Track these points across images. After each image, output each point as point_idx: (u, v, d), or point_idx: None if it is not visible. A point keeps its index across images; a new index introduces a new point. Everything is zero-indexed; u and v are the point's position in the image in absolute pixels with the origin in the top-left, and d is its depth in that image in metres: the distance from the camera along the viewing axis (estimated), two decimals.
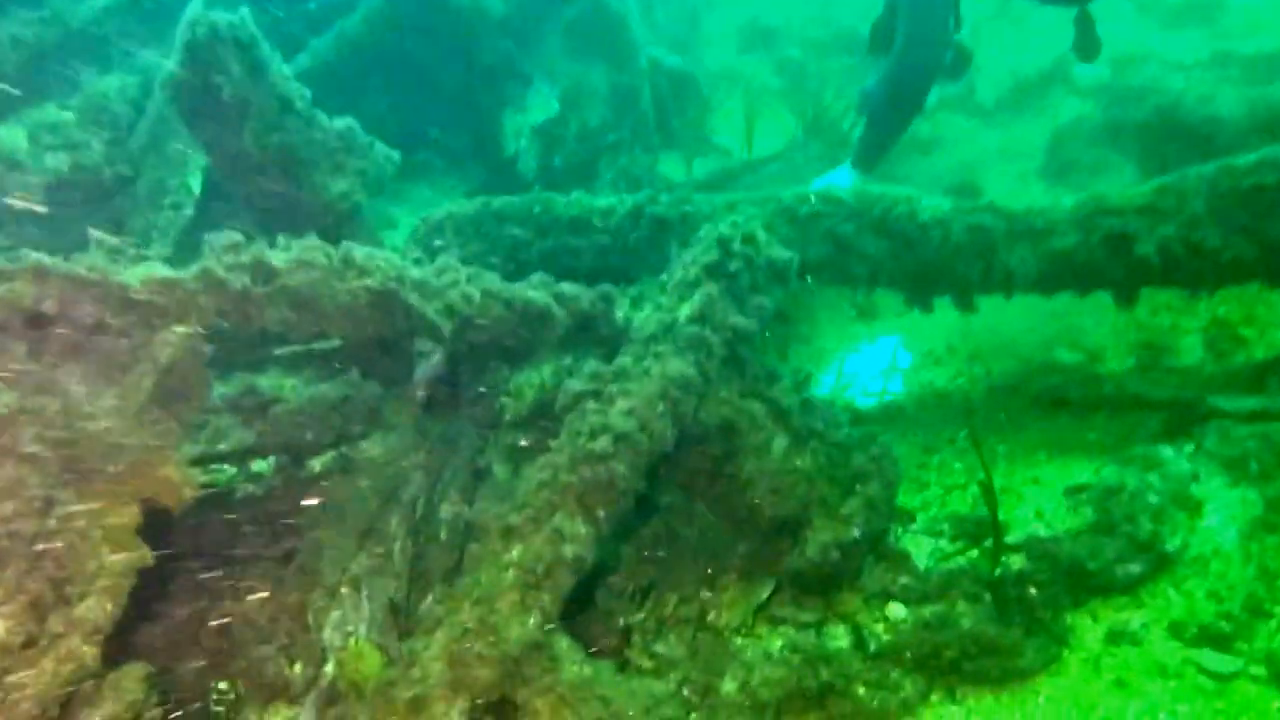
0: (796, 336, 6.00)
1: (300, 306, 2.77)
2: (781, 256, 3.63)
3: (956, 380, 5.26)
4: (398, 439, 4.02)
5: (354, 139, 4.00)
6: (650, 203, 4.46)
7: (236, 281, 2.56)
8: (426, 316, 3.15)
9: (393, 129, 7.30)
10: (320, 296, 2.82)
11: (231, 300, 2.55)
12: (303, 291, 2.77)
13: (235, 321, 2.62)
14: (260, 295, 2.63)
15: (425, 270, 3.40)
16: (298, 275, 2.75)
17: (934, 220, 3.96)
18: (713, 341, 3.45)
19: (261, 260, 2.64)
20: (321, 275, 2.86)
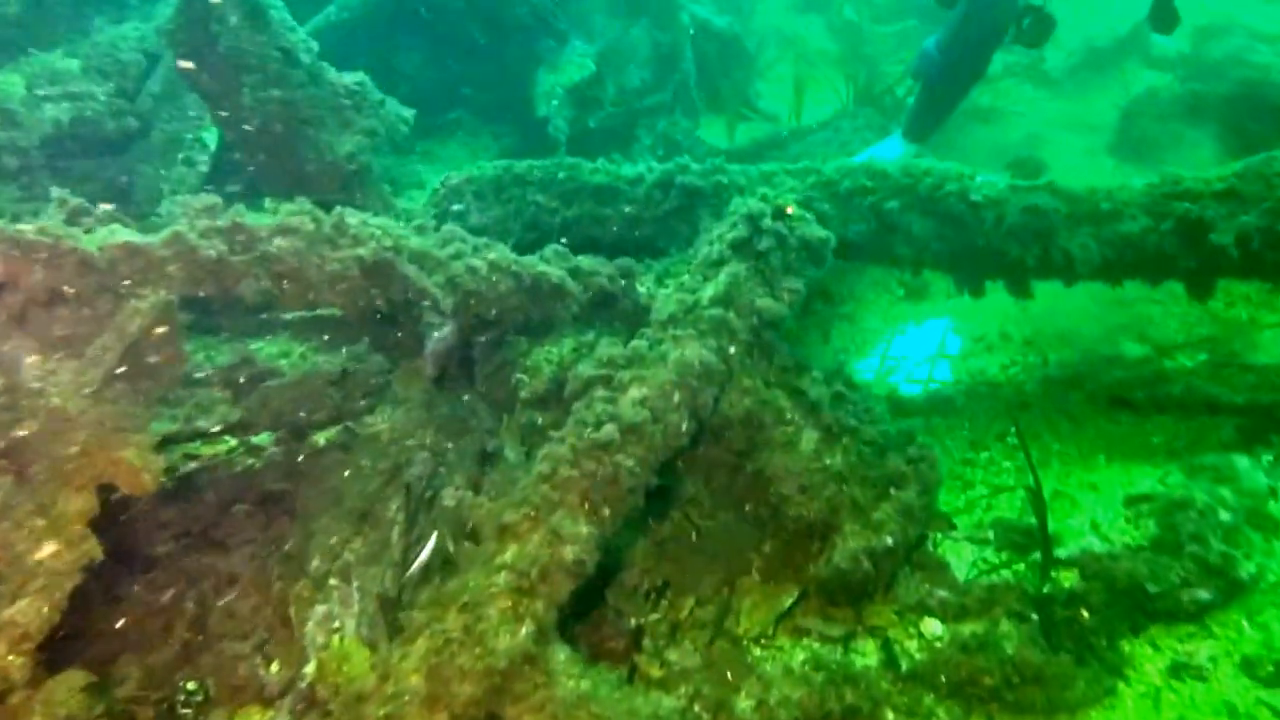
0: (841, 316, 5.71)
1: (283, 276, 2.55)
2: (817, 234, 3.34)
3: (1010, 369, 4.94)
4: (405, 415, 3.83)
5: (364, 96, 3.77)
6: (681, 171, 4.18)
7: (210, 248, 2.35)
8: (425, 290, 2.92)
9: (426, 86, 7.13)
10: (306, 266, 2.61)
11: (204, 268, 2.35)
12: (286, 260, 2.56)
13: (210, 291, 2.41)
14: (238, 263, 2.42)
15: (428, 239, 3.17)
16: (280, 242, 2.54)
17: (987, 200, 3.64)
18: (737, 326, 3.20)
19: (240, 225, 2.43)
20: (308, 243, 2.64)
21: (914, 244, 3.88)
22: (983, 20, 4.54)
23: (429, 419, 3.85)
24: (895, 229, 3.89)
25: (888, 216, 3.86)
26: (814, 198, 3.99)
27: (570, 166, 4.45)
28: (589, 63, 6.14)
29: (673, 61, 6.72)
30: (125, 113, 4.21)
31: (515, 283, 3.31)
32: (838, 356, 5.34)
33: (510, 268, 3.30)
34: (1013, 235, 3.70)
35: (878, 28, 9.34)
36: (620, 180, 4.35)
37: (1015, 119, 7.43)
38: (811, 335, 5.50)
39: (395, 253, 2.89)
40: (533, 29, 6.32)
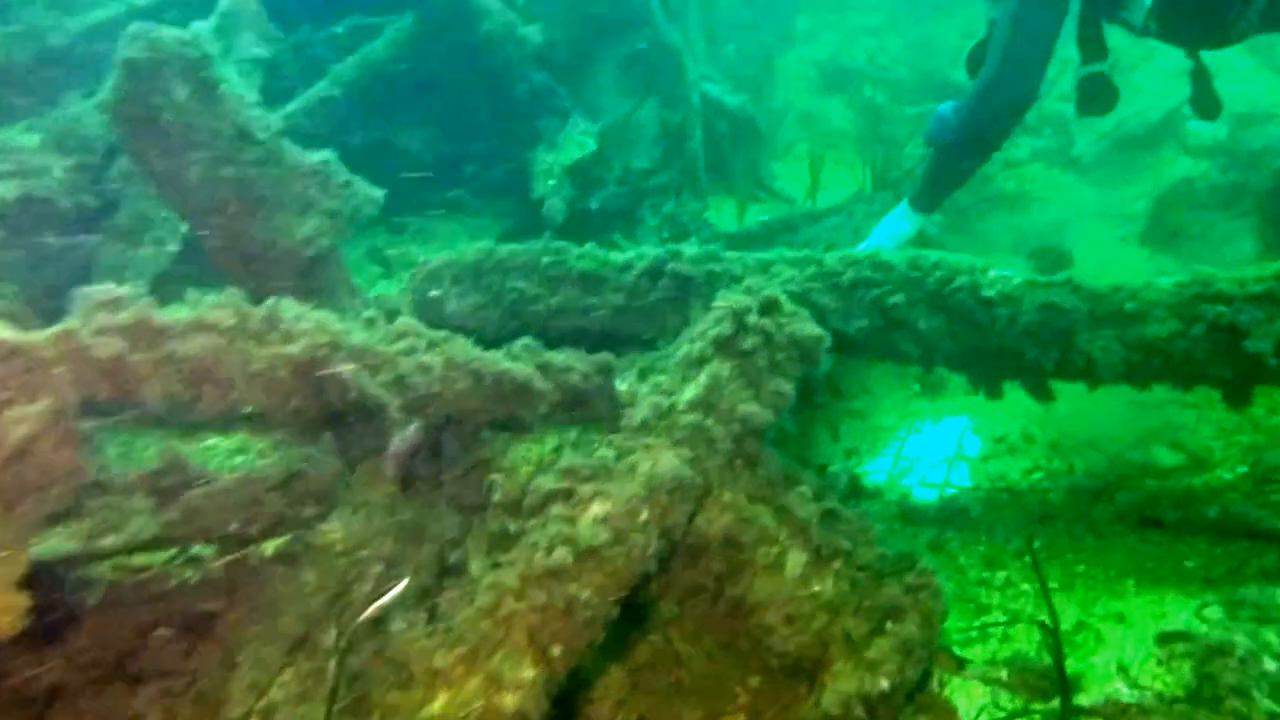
0: (851, 412, 5.43)
1: (196, 379, 2.32)
2: (809, 332, 3.08)
3: (1032, 475, 4.63)
4: (363, 522, 3.57)
5: (328, 175, 3.59)
6: (672, 259, 3.97)
7: (106, 348, 2.13)
8: (366, 392, 2.68)
9: (426, 163, 7.05)
10: (224, 366, 2.37)
11: (99, 370, 2.12)
12: (201, 360, 2.33)
13: (108, 396, 2.19)
14: (140, 364, 2.20)
15: (377, 333, 2.94)
16: (193, 341, 2.31)
17: (1001, 296, 3.39)
18: (717, 434, 2.92)
19: (146, 321, 2.21)
20: (228, 340, 2.41)
21: (921, 342, 3.62)
22: (1006, 91, 4.30)
23: (390, 526, 3.61)
24: (901, 325, 3.64)
25: (893, 311, 3.61)
26: (814, 289, 3.76)
27: (555, 251, 4.26)
28: (590, 141, 6.01)
29: (681, 141, 6.58)
30: (83, 190, 4.08)
31: (474, 382, 3.06)
32: (847, 457, 5.06)
33: (469, 365, 3.06)
34: (1029, 335, 3.44)
35: (899, 109, 9.22)
36: (608, 267, 4.15)
37: (1042, 205, 7.21)
38: (819, 432, 5.23)
39: (333, 350, 2.66)
40: (532, 106, 6.21)
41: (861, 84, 9.50)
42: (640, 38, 7.35)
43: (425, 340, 3.10)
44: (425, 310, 4.42)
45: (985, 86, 4.33)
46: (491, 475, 3.73)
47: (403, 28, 6.01)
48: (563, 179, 5.78)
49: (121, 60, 3.04)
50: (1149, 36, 4.44)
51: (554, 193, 5.67)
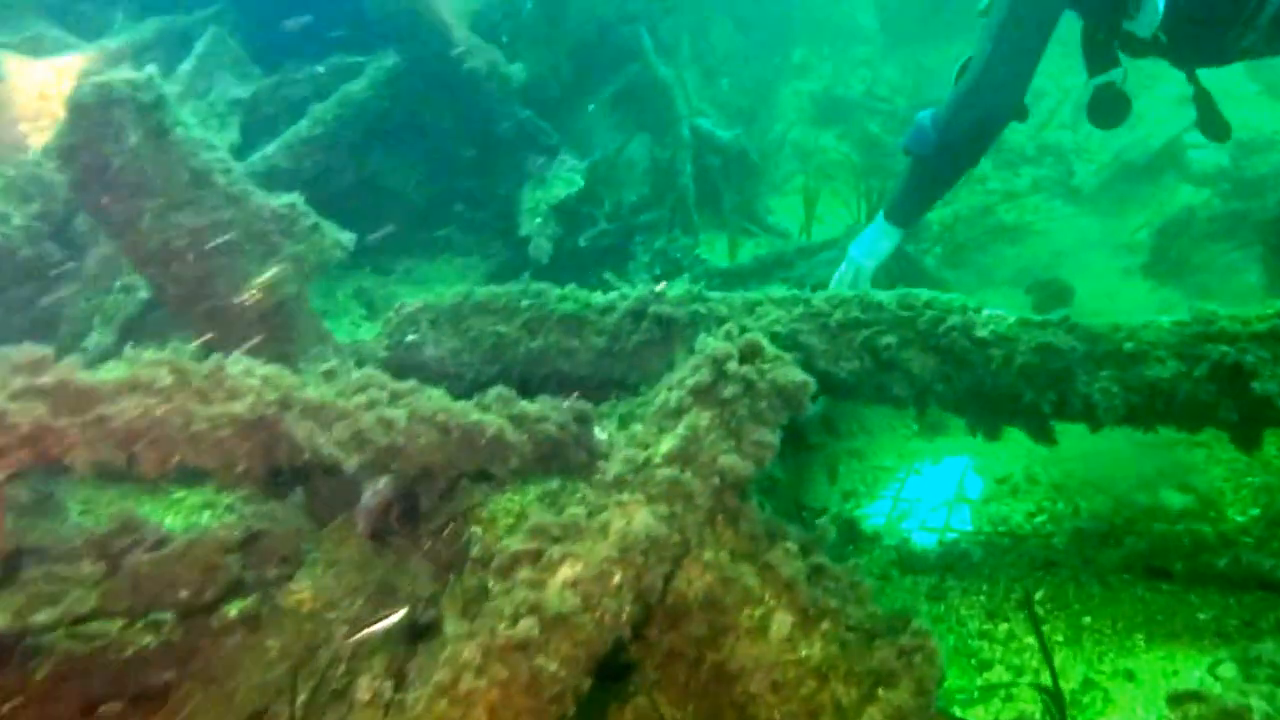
0: (849, 452, 5.28)
1: (130, 443, 2.19)
2: (792, 379, 2.95)
3: (1036, 518, 4.47)
4: (334, 581, 3.44)
5: (294, 218, 3.48)
6: (656, 300, 3.85)
7: (26, 415, 2.00)
8: (319, 450, 2.55)
9: (415, 202, 6.96)
10: (161, 428, 2.24)
11: (18, 439, 1.99)
12: (134, 423, 2.20)
13: (30, 464, 2.06)
14: (66, 430, 2.07)
15: (336, 386, 2.81)
16: (125, 402, 2.18)
17: (995, 336, 3.26)
18: (695, 488, 2.78)
19: (69, 383, 2.09)
20: (165, 400, 2.28)
21: (914, 384, 3.49)
22: (984, 101, 4.13)
23: (360, 585, 3.47)
24: (892, 367, 3.50)
25: (883, 353, 3.48)
26: (801, 330, 3.64)
27: (536, 294, 4.14)
28: (578, 178, 5.91)
29: (672, 176, 6.49)
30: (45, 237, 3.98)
31: (441, 436, 2.93)
32: (845, 500, 4.90)
33: (435, 418, 2.92)
34: (1025, 377, 3.30)
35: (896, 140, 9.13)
36: (589, 309, 4.04)
37: (1042, 237, 7.09)
38: (816, 474, 5.08)
39: (283, 407, 2.53)
40: (519, 144, 6.12)
41: (858, 115, 9.42)
42: (631, 72, 7.29)
43: (389, 392, 2.97)
44: (402, 356, 4.30)
45: (963, 95, 4.16)
46: (470, 528, 3.62)
47: (384, 66, 5.94)
48: (549, 217, 5.68)
49: (70, 104, 2.94)
50: (1151, 54, 4.30)
51: (540, 231, 5.57)
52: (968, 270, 6.33)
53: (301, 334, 3.75)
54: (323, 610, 3.40)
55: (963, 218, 7.03)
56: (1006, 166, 8.35)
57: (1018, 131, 9.20)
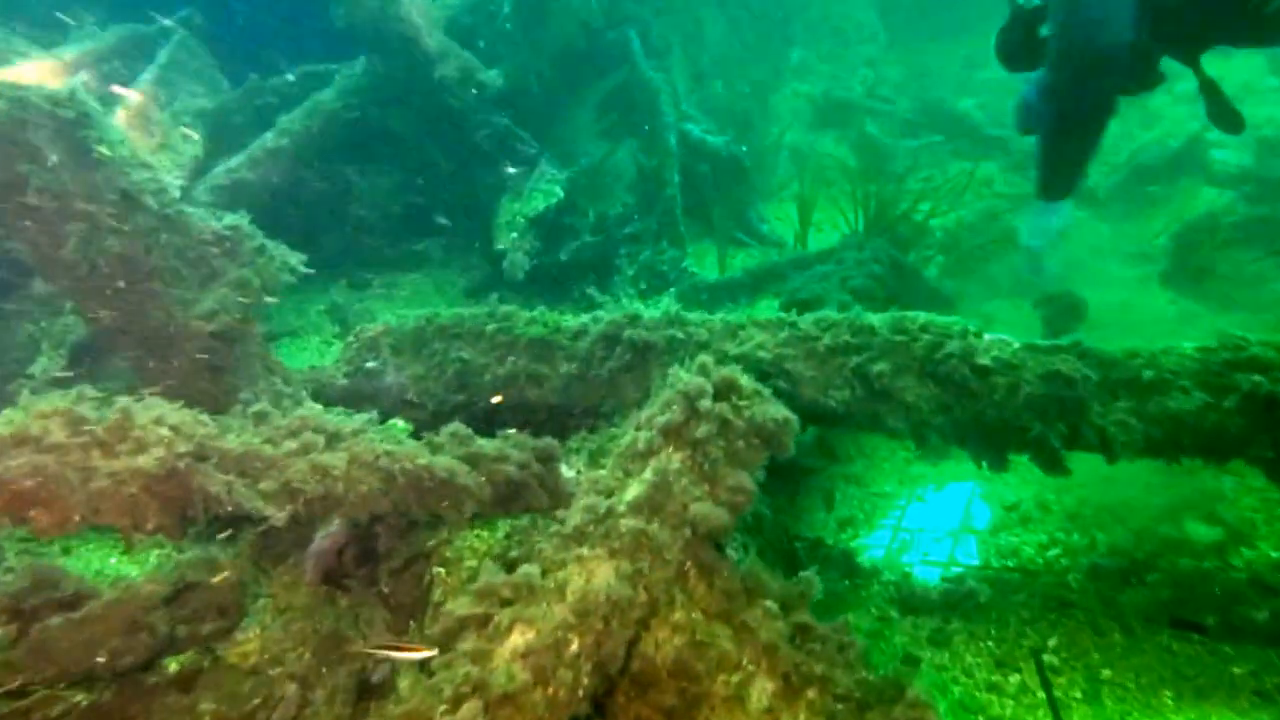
0: (847, 477, 5.01)
1: (20, 504, 1.95)
2: (773, 416, 2.70)
3: (1049, 551, 4.21)
4: (282, 631, 3.20)
5: (237, 241, 3.24)
6: (631, 324, 3.60)
7: None
8: (239, 504, 2.30)
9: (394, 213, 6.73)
10: (56, 486, 2.00)
11: None
12: (23, 482, 1.95)
13: None
14: None
15: (266, 430, 2.56)
16: (12, 459, 1.94)
17: (998, 363, 3.00)
18: (664, 540, 2.52)
19: None
20: (60, 455, 2.04)
21: (910, 415, 3.22)
22: (1081, 48, 3.68)
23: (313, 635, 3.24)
24: (886, 397, 3.24)
25: (876, 381, 3.21)
26: (787, 356, 3.39)
27: (503, 317, 3.90)
28: (557, 189, 5.66)
29: (659, 186, 6.24)
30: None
31: (385, 482, 2.68)
32: (841, 529, 4.63)
33: (378, 462, 2.67)
34: (1032, 408, 3.04)
35: (902, 143, 8.87)
36: (560, 333, 3.79)
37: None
38: (812, 501, 4.82)
39: (198, 458, 2.28)
40: (496, 154, 5.87)
41: (859, 117, 9.15)
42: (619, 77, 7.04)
43: (328, 435, 2.73)
44: (361, 383, 4.05)
45: (1056, 50, 3.76)
46: (433, 568, 3.39)
47: (352, 74, 5.71)
48: (526, 231, 5.43)
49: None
50: None
51: (515, 246, 5.32)
52: (973, 281, 6.05)
53: (247, 364, 3.51)
54: (268, 665, 3.17)
55: (967, 224, 6.76)
56: (1015, 169, 8.07)
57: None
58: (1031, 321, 5.45)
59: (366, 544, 3.48)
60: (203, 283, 3.26)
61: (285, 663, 3.17)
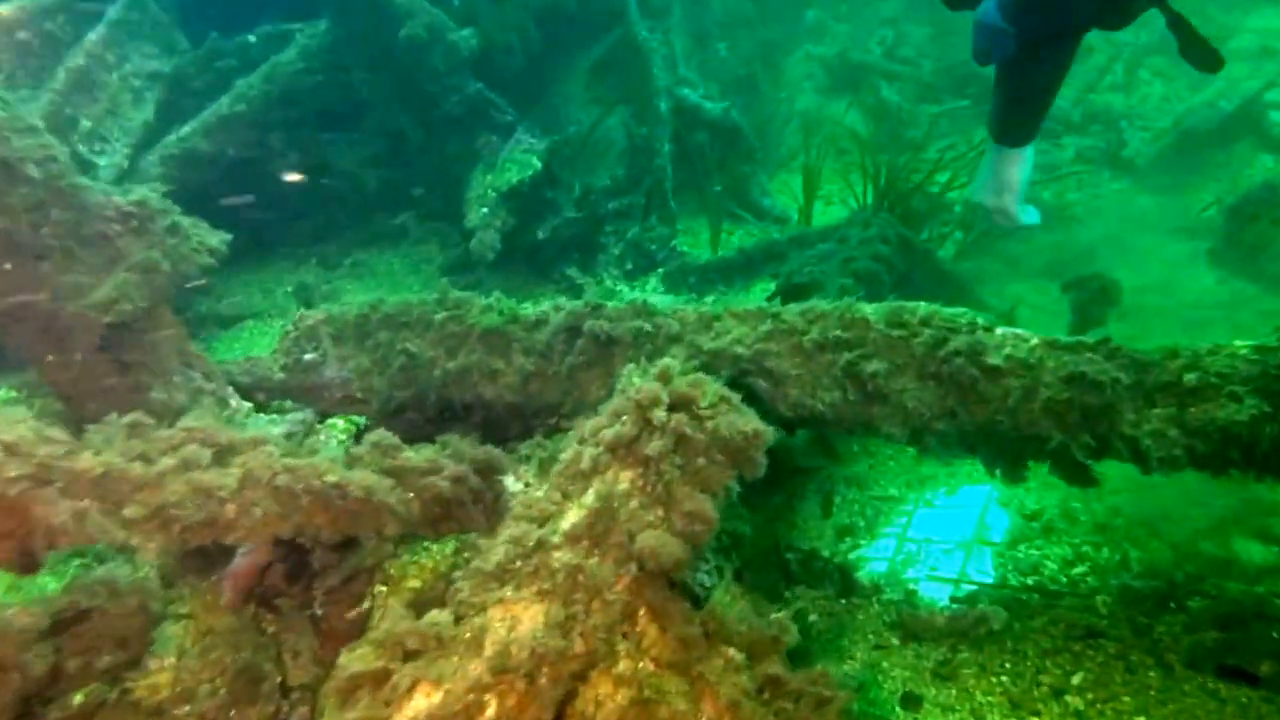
0: (848, 479, 4.63)
1: None
2: (741, 429, 2.33)
3: (1075, 569, 3.83)
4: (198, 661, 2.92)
5: (146, 219, 2.90)
6: (594, 314, 3.25)
7: None
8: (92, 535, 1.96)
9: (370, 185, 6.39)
10: None
11: None
12: None
13: None
14: None
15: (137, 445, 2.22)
16: None
17: (1012, 363, 2.61)
18: (606, 578, 2.17)
19: None
20: None
21: (908, 421, 2.85)
22: None
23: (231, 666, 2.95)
24: (882, 399, 2.86)
25: (869, 382, 2.84)
26: (769, 352, 3.02)
27: (455, 305, 3.55)
28: (534, 159, 5.29)
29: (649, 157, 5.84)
30: None
31: (284, 504, 2.33)
32: (840, 538, 4.26)
33: (277, 481, 2.33)
34: (1052, 415, 2.65)
35: (923, 108, 8.41)
36: (517, 324, 3.44)
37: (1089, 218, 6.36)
38: (809, 506, 4.46)
39: (38, 483, 1.94)
40: (470, 122, 5.50)
41: (875, 81, 8.69)
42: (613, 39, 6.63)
43: (216, 448, 2.38)
44: (300, 377, 3.72)
45: None
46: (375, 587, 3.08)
47: (315, 34, 5.34)
48: (498, 206, 5.07)
49: None
50: None
51: (485, 223, 4.96)
52: (992, 260, 5.65)
53: (160, 358, 3.17)
54: (177, 702, 2.87)
55: None
56: (1045, 136, 7.61)
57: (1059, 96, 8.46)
58: (1059, 306, 5.04)
59: (299, 559, 3.17)
60: (105, 266, 2.91)
61: (196, 698, 2.87)
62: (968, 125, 8.09)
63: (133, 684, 2.86)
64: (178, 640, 3.12)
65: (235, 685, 2.88)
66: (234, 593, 3.05)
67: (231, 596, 3.05)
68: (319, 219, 6.28)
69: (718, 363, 3.02)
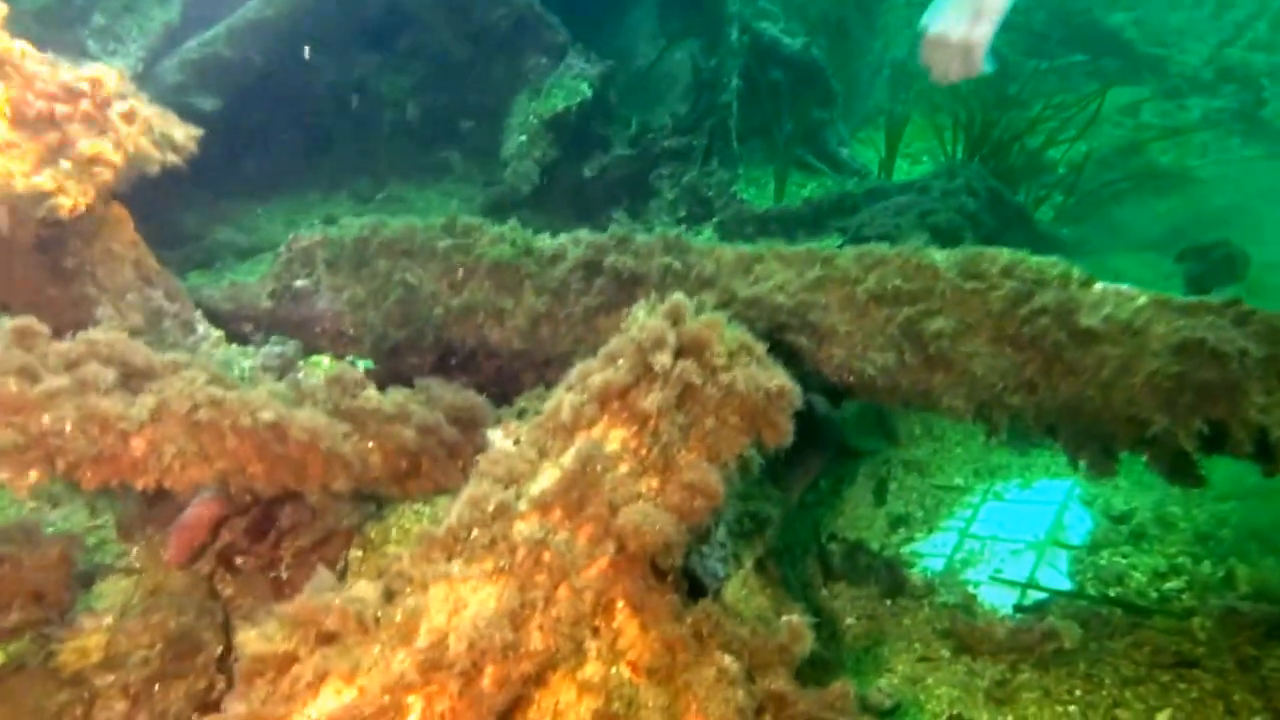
0: (907, 463, 4.23)
1: None
2: (763, 384, 1.94)
3: (1168, 583, 3.33)
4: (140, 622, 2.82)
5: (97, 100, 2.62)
6: (618, 248, 2.85)
7: None
8: None
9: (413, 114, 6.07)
10: None
11: None
12: None
13: None
14: None
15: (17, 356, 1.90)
16: None
17: (1113, 326, 2.16)
18: (576, 557, 1.80)
19: None
20: None
21: (975, 393, 2.41)
22: None
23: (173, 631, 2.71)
24: (945, 365, 2.42)
25: (932, 343, 2.40)
26: (814, 303, 2.60)
27: (463, 232, 3.19)
28: (584, 86, 4.90)
29: (713, 92, 5.42)
30: None
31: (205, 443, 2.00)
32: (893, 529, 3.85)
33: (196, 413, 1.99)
34: (1158, 393, 2.19)
35: (1031, 63, 7.83)
36: (530, 257, 3.06)
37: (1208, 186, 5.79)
38: (860, 492, 4.07)
39: None
40: (517, 41, 5.12)
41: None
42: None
43: (127, 370, 2.04)
44: (289, 307, 3.40)
45: None
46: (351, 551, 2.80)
47: None
48: (539, 135, 4.69)
49: None
50: None
51: (523, 152, 4.59)
52: (1095, 227, 5.17)
53: (111, 269, 2.86)
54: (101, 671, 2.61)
55: (1098, 157, 5.78)
56: (1170, 96, 7.01)
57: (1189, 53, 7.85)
58: (1171, 280, 4.54)
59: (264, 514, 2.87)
60: (46, 153, 2.60)
61: (124, 667, 2.61)
62: (1080, 83, 7.54)
63: (59, 646, 2.61)
64: (125, 597, 2.88)
65: (167, 655, 2.60)
66: (178, 547, 2.78)
67: (175, 552, 2.78)
68: (353, 147, 5.98)
69: (752, 312, 2.61)
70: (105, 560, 2.93)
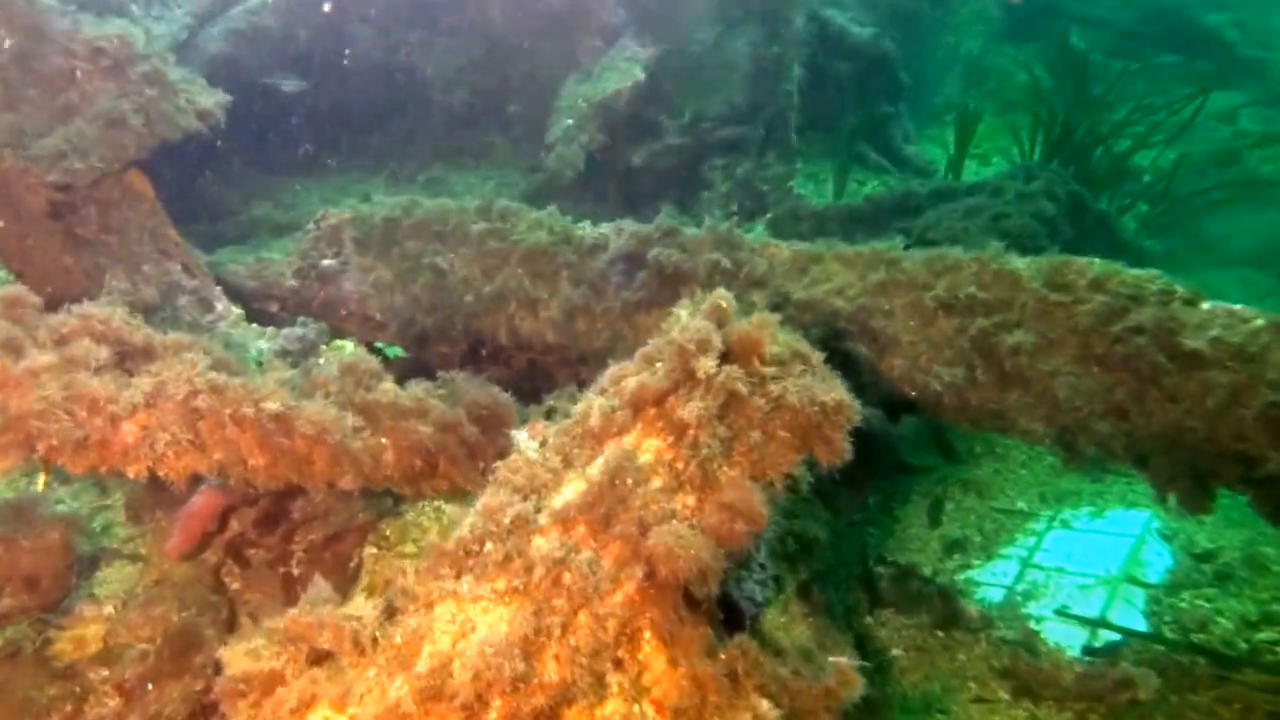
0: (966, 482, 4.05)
1: None
2: (818, 397, 1.75)
3: (1260, 633, 3.13)
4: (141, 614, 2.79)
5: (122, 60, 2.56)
6: (664, 240, 2.69)
7: None
8: None
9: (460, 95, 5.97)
10: None
11: None
12: None
13: None
14: None
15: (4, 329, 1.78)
16: None
17: (1225, 349, 1.98)
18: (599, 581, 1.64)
19: None
20: None
21: (1056, 416, 2.22)
22: None
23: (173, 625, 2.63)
24: (1022, 384, 2.24)
25: (1009, 359, 2.22)
26: (877, 309, 2.42)
27: (500, 216, 3.05)
28: (637, 69, 4.76)
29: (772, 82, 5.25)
30: None
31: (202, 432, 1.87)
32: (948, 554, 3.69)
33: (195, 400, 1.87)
34: (1274, 426, 2.00)
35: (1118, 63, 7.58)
36: (569, 245, 2.91)
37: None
38: (913, 512, 3.93)
39: None
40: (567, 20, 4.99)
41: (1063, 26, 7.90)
42: None
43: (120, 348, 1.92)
44: (314, 287, 3.29)
45: None
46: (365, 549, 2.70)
47: None
48: (586, 119, 4.55)
49: None
50: None
51: (569, 136, 4.45)
52: (1184, 240, 4.94)
53: (129, 239, 2.76)
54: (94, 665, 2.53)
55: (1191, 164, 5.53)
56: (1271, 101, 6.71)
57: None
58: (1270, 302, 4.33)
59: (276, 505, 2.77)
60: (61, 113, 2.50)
61: (120, 662, 2.52)
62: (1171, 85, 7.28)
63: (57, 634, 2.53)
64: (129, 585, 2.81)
65: (165, 651, 2.51)
66: (181, 537, 2.68)
67: (177, 541, 2.68)
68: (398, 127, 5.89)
69: (807, 316, 2.45)
70: (112, 544, 2.85)
